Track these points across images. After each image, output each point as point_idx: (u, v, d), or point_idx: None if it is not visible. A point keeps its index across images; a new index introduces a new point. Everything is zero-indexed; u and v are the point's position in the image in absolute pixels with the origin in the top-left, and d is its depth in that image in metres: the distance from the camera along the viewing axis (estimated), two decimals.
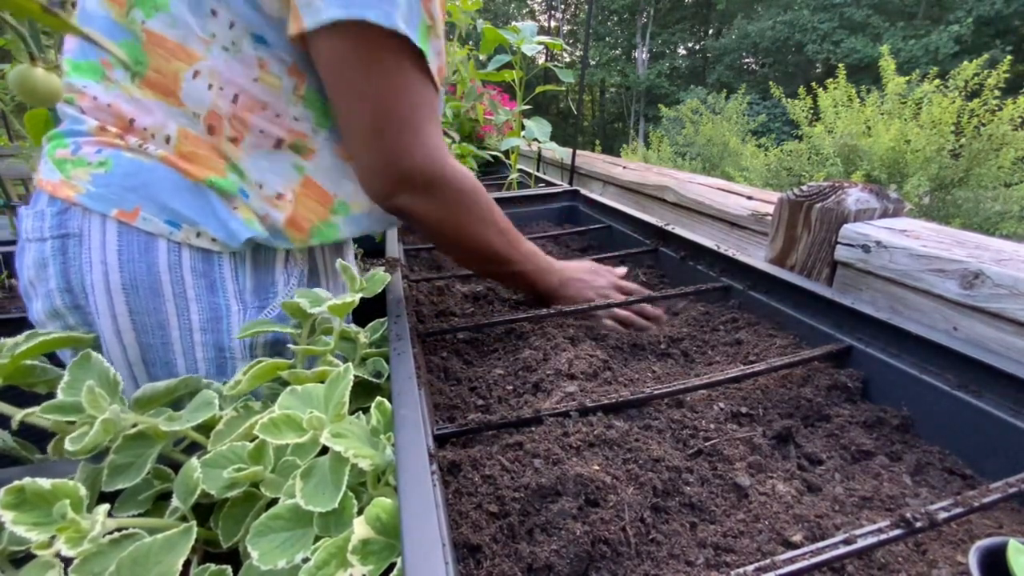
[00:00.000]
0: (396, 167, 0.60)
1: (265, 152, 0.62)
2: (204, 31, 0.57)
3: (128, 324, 0.61)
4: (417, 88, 0.58)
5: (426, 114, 0.60)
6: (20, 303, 1.25)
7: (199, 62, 0.57)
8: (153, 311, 0.61)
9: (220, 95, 0.59)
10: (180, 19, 0.56)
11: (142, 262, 0.59)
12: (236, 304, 0.64)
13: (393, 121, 0.58)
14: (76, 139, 0.60)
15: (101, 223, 0.59)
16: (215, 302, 0.63)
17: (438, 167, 0.62)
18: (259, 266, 0.66)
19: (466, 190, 0.66)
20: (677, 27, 23.72)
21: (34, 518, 0.34)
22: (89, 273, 0.59)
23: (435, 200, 0.64)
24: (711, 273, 0.81)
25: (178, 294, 0.61)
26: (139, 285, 0.60)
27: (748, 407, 0.53)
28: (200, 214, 0.60)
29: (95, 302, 0.60)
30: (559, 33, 24.83)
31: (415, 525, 0.31)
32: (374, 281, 0.63)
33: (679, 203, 1.22)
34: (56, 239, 0.60)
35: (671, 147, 13.06)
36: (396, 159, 0.60)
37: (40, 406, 0.44)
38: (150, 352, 0.62)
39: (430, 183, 0.62)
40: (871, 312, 0.57)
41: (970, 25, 14.45)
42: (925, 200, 7.39)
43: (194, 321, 0.62)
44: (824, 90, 8.46)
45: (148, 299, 0.60)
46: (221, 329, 0.63)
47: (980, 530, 0.40)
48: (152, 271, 0.60)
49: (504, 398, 0.57)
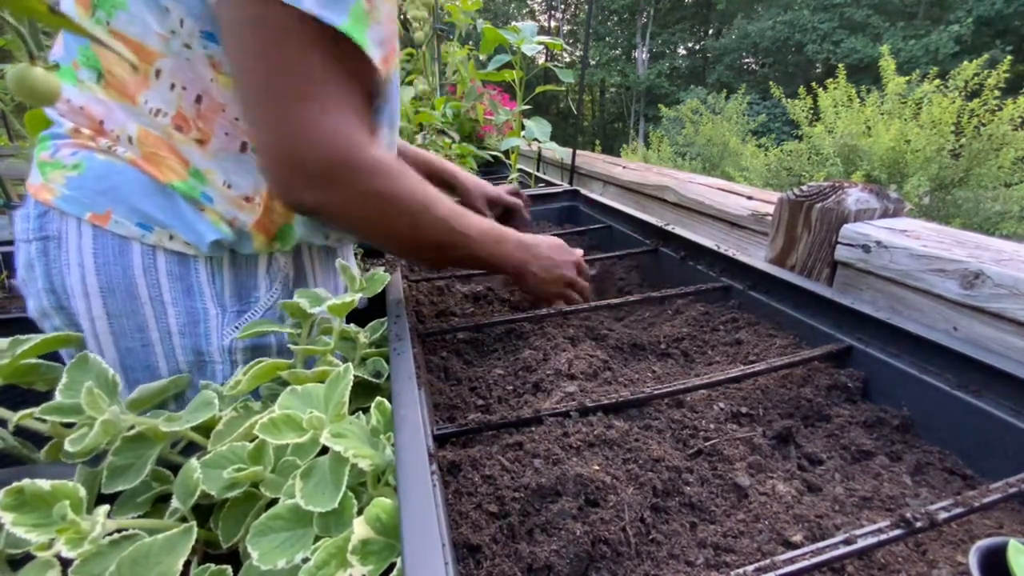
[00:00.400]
0: (289, 151, 0.53)
1: (232, 154, 0.61)
2: (163, 27, 0.55)
3: (106, 327, 0.61)
4: (317, 63, 0.51)
5: (331, 92, 0.53)
6: (20, 303, 1.25)
7: (159, 60, 0.56)
8: (131, 314, 0.61)
9: (183, 95, 0.57)
10: (138, 16, 0.55)
11: (117, 265, 0.59)
12: (214, 308, 0.63)
13: (280, 96, 0.51)
14: (56, 141, 0.60)
15: (77, 226, 0.59)
16: (192, 306, 0.62)
17: (341, 152, 0.54)
18: (239, 269, 0.66)
19: (381, 176, 0.56)
20: (677, 27, 23.72)
21: (34, 519, 0.34)
22: (68, 275, 0.60)
23: (344, 193, 0.55)
24: (711, 273, 0.81)
25: (155, 297, 0.61)
26: (115, 288, 0.60)
27: (748, 407, 0.53)
28: (170, 217, 0.59)
29: (75, 304, 0.61)
30: (559, 33, 24.83)
31: (415, 525, 0.31)
32: (374, 281, 0.63)
33: (679, 203, 1.22)
34: (39, 241, 0.60)
35: (671, 147, 13.06)
36: (288, 141, 0.52)
37: (38, 407, 0.44)
38: (130, 356, 0.62)
39: (332, 171, 0.54)
40: (871, 312, 0.57)
41: (970, 25, 14.45)
42: (925, 200, 7.39)
43: (172, 324, 0.62)
44: (824, 90, 8.46)
45: (125, 302, 0.60)
46: (199, 333, 0.63)
47: (980, 530, 0.40)
48: (127, 274, 0.60)
49: (504, 398, 0.57)
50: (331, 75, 0.53)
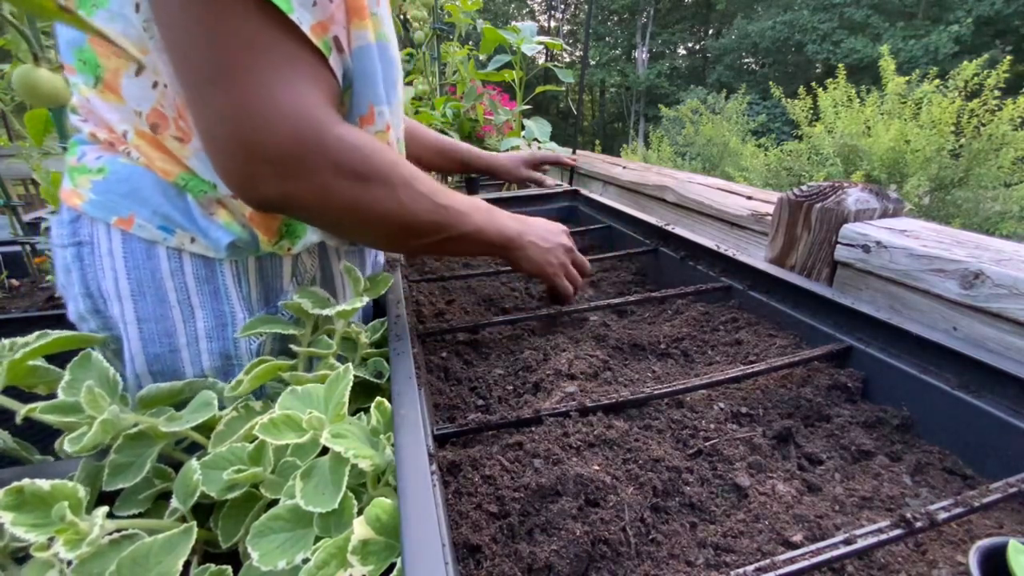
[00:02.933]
0: (242, 135, 0.46)
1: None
2: (141, 21, 0.52)
3: (136, 333, 0.60)
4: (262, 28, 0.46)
5: (283, 61, 0.47)
6: (20, 303, 1.25)
7: (142, 57, 0.53)
8: (160, 318, 0.60)
9: (164, 93, 0.55)
10: (118, 13, 0.52)
11: (146, 268, 0.59)
12: (242, 311, 0.62)
13: (224, 70, 0.45)
14: (83, 147, 0.60)
15: (107, 230, 0.58)
16: (220, 309, 0.61)
17: (304, 129, 0.47)
18: (265, 272, 0.65)
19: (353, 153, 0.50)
20: (677, 27, 23.72)
21: (33, 519, 0.34)
22: (103, 280, 0.60)
23: (314, 179, 0.48)
24: (711, 273, 0.81)
25: (182, 300, 0.60)
26: (146, 291, 0.59)
27: (748, 407, 0.53)
28: (187, 220, 0.58)
29: (112, 308, 0.60)
30: (559, 33, 24.82)
31: (415, 525, 0.31)
32: (378, 283, 0.63)
33: (679, 203, 1.22)
34: (73, 247, 0.60)
35: (671, 147, 13.05)
36: (239, 122, 0.45)
37: (40, 404, 0.44)
38: (157, 363, 0.61)
39: (297, 154, 0.47)
40: (871, 312, 0.57)
41: (970, 25, 14.45)
42: (925, 200, 7.39)
43: (200, 328, 0.61)
44: (824, 90, 8.46)
45: (155, 306, 0.60)
46: (227, 337, 0.62)
47: (980, 530, 0.40)
48: (156, 277, 0.59)
49: (504, 398, 0.57)
50: (279, 42, 0.46)
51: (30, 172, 1.18)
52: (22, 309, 1.22)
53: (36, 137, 1.07)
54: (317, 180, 0.48)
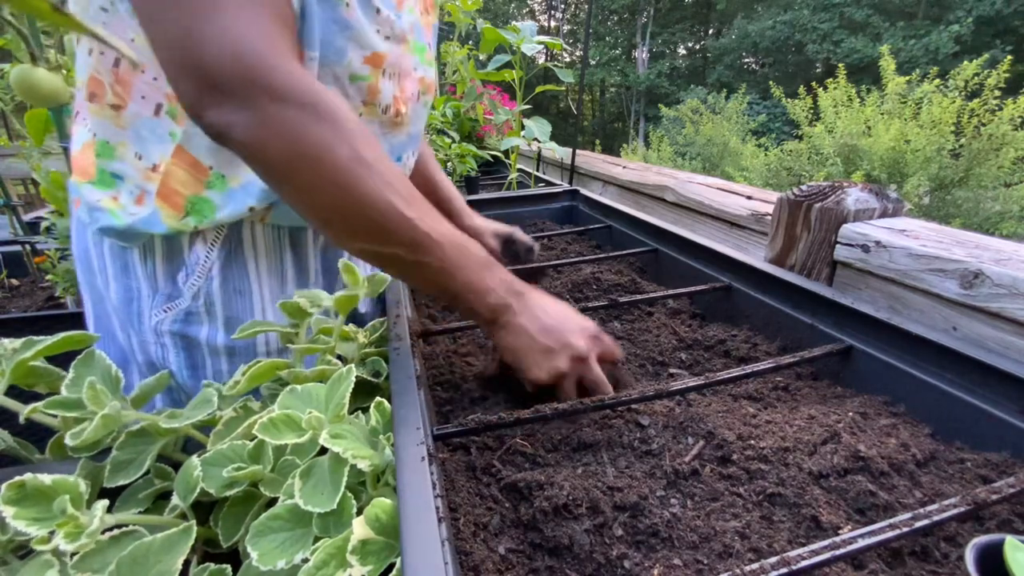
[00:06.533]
0: (189, 55, 0.44)
1: (147, 120, 0.59)
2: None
3: (87, 294, 0.70)
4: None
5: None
6: (20, 303, 1.25)
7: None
8: (92, 286, 0.69)
9: (101, 59, 0.57)
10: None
11: (82, 242, 0.68)
12: (147, 288, 0.65)
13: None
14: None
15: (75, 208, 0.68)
16: (128, 283, 0.66)
17: (246, 59, 0.44)
18: (169, 252, 0.64)
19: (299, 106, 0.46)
20: (677, 27, 23.71)
21: (34, 513, 0.34)
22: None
23: (250, 116, 0.45)
24: (711, 273, 0.81)
25: (101, 270, 0.66)
26: (81, 259, 0.69)
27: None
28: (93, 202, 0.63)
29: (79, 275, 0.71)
30: (559, 33, 24.82)
31: (415, 525, 0.31)
32: (375, 282, 0.63)
33: (679, 203, 1.22)
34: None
35: (671, 147, 13.05)
36: (187, 43, 0.44)
37: (43, 401, 0.44)
38: (100, 322, 0.70)
39: (236, 83, 0.45)
40: (871, 312, 0.57)
41: (970, 25, 14.44)
42: (925, 200, 7.39)
43: (113, 299, 0.67)
44: (824, 90, 8.45)
45: (86, 273, 0.69)
46: (132, 311, 0.66)
47: (980, 530, 0.40)
48: (83, 248, 0.68)
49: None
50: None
51: (30, 172, 1.18)
52: (22, 309, 1.22)
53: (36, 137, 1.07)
54: (256, 118, 0.45)
